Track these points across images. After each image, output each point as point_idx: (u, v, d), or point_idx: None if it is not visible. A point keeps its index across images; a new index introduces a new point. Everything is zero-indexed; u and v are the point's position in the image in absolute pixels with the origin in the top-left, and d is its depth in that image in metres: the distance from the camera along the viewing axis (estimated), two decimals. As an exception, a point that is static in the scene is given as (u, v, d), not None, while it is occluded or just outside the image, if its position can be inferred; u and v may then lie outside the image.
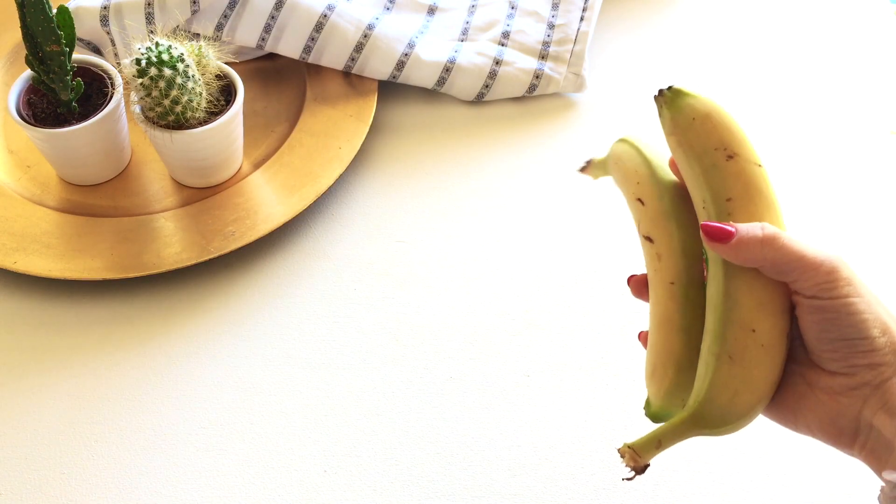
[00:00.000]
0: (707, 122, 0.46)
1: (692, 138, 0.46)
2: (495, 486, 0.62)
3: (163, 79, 0.68)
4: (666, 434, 0.45)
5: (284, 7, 0.82)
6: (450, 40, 0.86)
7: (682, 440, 0.46)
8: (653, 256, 0.49)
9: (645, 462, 0.45)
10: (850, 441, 0.45)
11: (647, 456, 0.45)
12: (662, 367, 0.48)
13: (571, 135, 0.83)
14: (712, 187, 0.46)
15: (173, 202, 0.76)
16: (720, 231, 0.45)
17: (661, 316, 0.48)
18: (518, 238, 0.76)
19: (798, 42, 0.91)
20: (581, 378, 0.67)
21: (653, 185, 0.49)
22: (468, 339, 0.70)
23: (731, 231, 0.45)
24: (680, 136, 0.47)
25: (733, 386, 0.45)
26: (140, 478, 0.62)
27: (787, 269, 0.44)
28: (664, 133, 0.48)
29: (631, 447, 0.45)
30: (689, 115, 0.47)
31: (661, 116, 0.48)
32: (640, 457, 0.45)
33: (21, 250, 0.72)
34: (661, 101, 0.48)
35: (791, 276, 0.44)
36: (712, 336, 0.46)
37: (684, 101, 0.47)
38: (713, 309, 0.46)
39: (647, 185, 0.50)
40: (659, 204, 0.49)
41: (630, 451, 0.45)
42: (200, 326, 0.70)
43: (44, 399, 0.66)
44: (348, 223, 0.77)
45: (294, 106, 0.83)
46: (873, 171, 0.81)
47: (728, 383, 0.45)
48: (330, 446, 0.64)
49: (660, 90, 0.48)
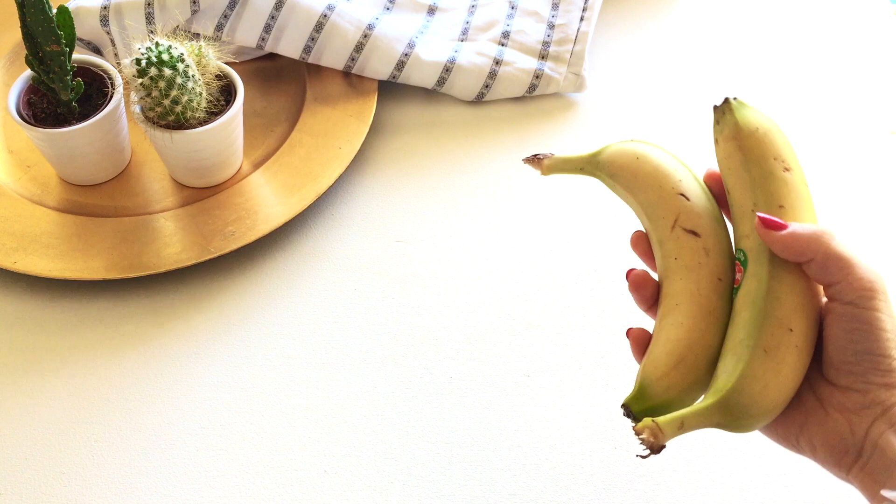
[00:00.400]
0: (769, 134, 0.49)
1: (753, 145, 0.49)
2: (495, 486, 0.62)
3: (163, 79, 0.68)
4: (689, 417, 0.45)
5: (284, 7, 0.82)
6: (450, 40, 0.86)
7: (702, 427, 0.45)
8: (698, 251, 0.50)
9: (663, 442, 0.44)
10: (851, 461, 0.45)
11: (668, 435, 0.44)
12: (694, 358, 0.48)
13: (571, 135, 0.83)
14: (766, 192, 0.48)
15: (173, 202, 0.76)
16: (776, 222, 0.46)
17: (704, 308, 0.49)
18: (518, 238, 0.76)
19: (798, 42, 0.91)
20: (581, 378, 0.67)
21: (697, 183, 0.52)
22: (468, 339, 0.70)
23: (785, 224, 0.46)
24: (742, 142, 0.49)
25: (764, 379, 0.45)
26: (140, 478, 0.62)
27: (834, 269, 0.45)
28: (721, 137, 0.51)
29: (655, 422, 0.44)
30: (754, 124, 0.50)
31: (723, 121, 0.51)
32: (661, 434, 0.44)
33: (21, 250, 0.72)
34: (726, 108, 0.51)
35: (836, 276, 0.45)
36: (748, 329, 0.46)
37: (750, 111, 0.50)
38: (751, 304, 0.47)
39: (691, 182, 0.52)
40: (707, 203, 0.51)
41: (653, 426, 0.44)
42: (200, 326, 0.70)
43: (44, 399, 0.66)
44: (348, 223, 0.77)
45: (294, 106, 0.83)
46: (873, 171, 0.81)
47: (760, 376, 0.45)
48: (330, 446, 0.64)
49: (725, 98, 0.50)
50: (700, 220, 0.51)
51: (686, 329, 0.48)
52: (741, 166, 0.49)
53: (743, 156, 0.49)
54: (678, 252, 0.50)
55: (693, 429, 0.45)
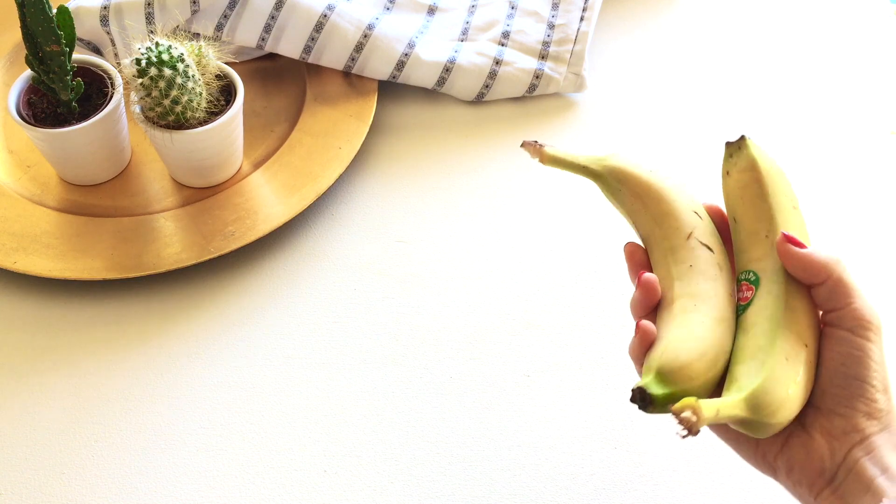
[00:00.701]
0: (782, 174, 0.54)
1: (772, 180, 0.53)
2: (495, 486, 0.62)
3: (163, 79, 0.68)
4: (724, 406, 0.46)
5: (284, 7, 0.82)
6: (450, 40, 0.86)
7: (731, 419, 0.46)
8: (713, 263, 0.53)
9: (701, 425, 0.44)
10: (824, 484, 0.48)
11: (706, 418, 0.44)
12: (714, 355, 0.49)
13: (571, 135, 0.83)
14: (783, 221, 0.52)
15: (173, 202, 0.76)
16: (799, 241, 0.50)
17: (719, 314, 0.51)
18: (518, 238, 0.76)
19: (798, 42, 0.91)
20: (581, 378, 0.67)
21: (703, 207, 0.55)
22: (468, 339, 0.70)
23: (805, 245, 0.50)
24: (760, 175, 0.53)
25: (787, 384, 0.47)
26: (140, 478, 0.62)
27: (840, 295, 0.48)
28: (734, 170, 0.54)
29: (697, 403, 0.44)
30: (770, 162, 0.54)
31: (738, 155, 0.54)
32: (702, 415, 0.44)
33: (21, 250, 0.72)
34: (743, 144, 0.54)
35: (840, 302, 0.48)
36: (768, 338, 0.48)
37: (763, 150, 0.54)
38: (769, 317, 0.49)
39: (700, 207, 0.55)
40: (711, 224, 0.55)
41: (696, 405, 0.44)
42: (200, 326, 0.70)
43: (44, 399, 0.66)
44: (348, 223, 0.77)
45: (294, 106, 0.83)
46: (873, 171, 0.81)
47: (783, 380, 0.47)
48: (330, 446, 0.64)
49: (741, 135, 0.54)
50: (713, 238, 0.54)
51: (706, 328, 0.49)
52: (757, 197, 0.53)
53: (759, 188, 0.53)
54: (693, 260, 0.52)
55: (724, 419, 0.46)
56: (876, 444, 0.47)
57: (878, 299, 0.71)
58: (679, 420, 0.44)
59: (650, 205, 0.54)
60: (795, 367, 0.48)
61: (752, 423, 0.47)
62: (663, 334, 0.50)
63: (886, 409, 0.47)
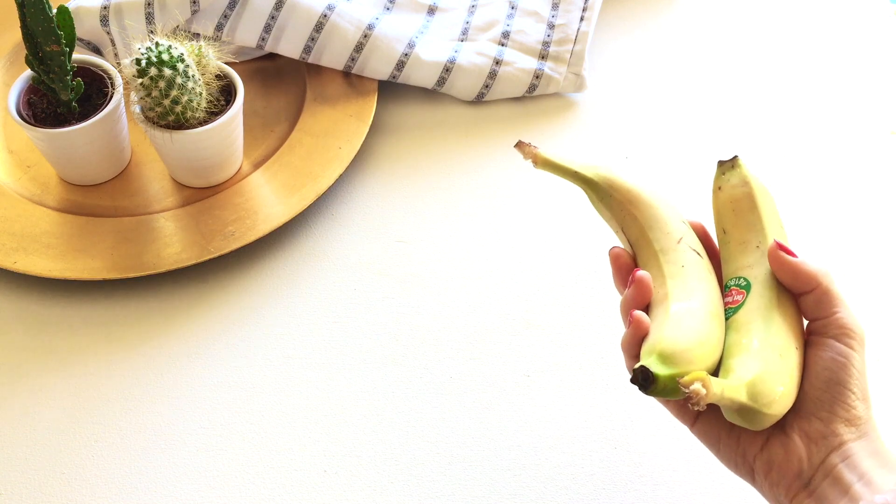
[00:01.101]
0: (770, 194, 0.56)
1: (763, 196, 0.55)
2: (495, 486, 0.62)
3: (163, 79, 0.68)
4: (727, 388, 0.47)
5: (284, 7, 0.82)
6: (450, 40, 0.86)
7: (732, 403, 0.47)
8: (703, 267, 0.54)
9: (708, 400, 0.45)
10: (800, 487, 0.49)
11: (712, 394, 0.45)
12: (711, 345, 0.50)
13: (571, 135, 0.83)
14: (772, 233, 0.54)
15: (173, 202, 0.76)
16: (790, 250, 0.51)
17: (713, 310, 0.52)
18: (518, 238, 0.76)
19: (798, 42, 0.91)
20: (581, 378, 0.67)
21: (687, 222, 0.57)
22: (468, 339, 0.70)
23: (796, 254, 0.51)
24: (754, 191, 0.55)
25: (782, 378, 0.48)
26: (140, 478, 0.62)
27: (826, 304, 0.50)
28: (727, 185, 0.56)
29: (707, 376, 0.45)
30: (761, 182, 0.56)
31: (731, 173, 0.56)
32: (710, 388, 0.45)
33: (21, 250, 0.72)
34: (736, 163, 0.56)
35: (826, 311, 0.50)
36: (762, 335, 0.50)
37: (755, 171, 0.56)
38: (763, 317, 0.51)
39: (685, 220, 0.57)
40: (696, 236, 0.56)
41: (704, 378, 0.45)
42: (200, 326, 0.70)
43: (44, 399, 0.66)
44: (348, 223, 0.77)
45: (294, 106, 0.83)
46: (873, 171, 0.81)
47: (778, 374, 0.48)
48: (330, 446, 0.64)
49: (734, 155, 0.56)
50: (700, 247, 0.55)
51: (701, 321, 0.50)
52: (748, 210, 0.54)
53: (751, 202, 0.55)
54: (684, 261, 0.54)
55: (727, 400, 0.47)
56: (853, 451, 0.48)
57: (877, 299, 0.72)
58: (688, 392, 0.45)
59: (642, 210, 0.56)
60: (789, 364, 0.49)
61: (749, 412, 0.48)
62: (658, 325, 0.51)
63: (865, 417, 0.49)
